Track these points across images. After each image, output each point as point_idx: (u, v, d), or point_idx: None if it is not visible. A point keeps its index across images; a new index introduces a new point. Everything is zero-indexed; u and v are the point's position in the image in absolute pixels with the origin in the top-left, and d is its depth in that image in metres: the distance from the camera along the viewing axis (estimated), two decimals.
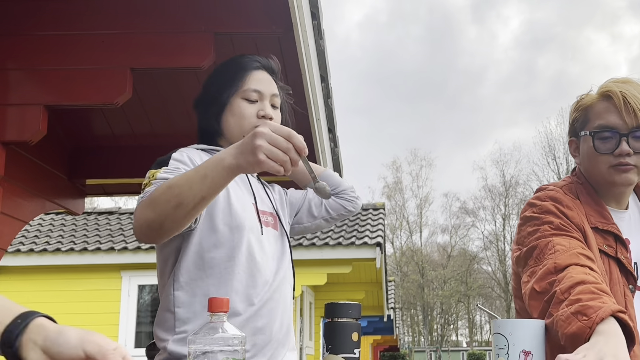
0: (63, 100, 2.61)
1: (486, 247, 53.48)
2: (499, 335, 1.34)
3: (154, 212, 1.30)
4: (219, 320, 0.99)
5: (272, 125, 1.21)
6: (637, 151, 1.61)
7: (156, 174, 1.44)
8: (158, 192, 1.31)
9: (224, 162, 1.24)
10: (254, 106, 1.61)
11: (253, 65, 1.65)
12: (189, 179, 1.27)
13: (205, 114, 1.66)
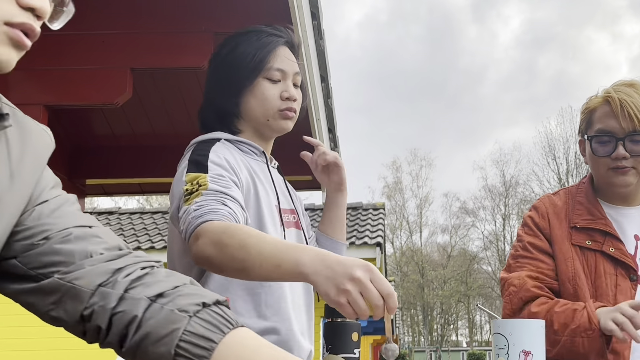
0: (63, 100, 2.61)
1: (486, 247, 53.49)
2: (499, 335, 1.34)
3: (217, 256, 1.20)
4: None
5: (376, 275, 1.07)
6: (634, 154, 1.69)
7: (202, 180, 1.33)
8: (227, 239, 1.19)
9: (301, 269, 1.11)
10: (277, 87, 1.51)
11: (278, 41, 1.53)
12: (261, 257, 1.15)
13: (223, 94, 1.54)
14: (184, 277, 0.91)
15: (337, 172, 1.63)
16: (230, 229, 1.22)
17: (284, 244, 1.19)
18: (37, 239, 0.89)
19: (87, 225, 0.95)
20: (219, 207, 1.27)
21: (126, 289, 0.87)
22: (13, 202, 0.89)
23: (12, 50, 0.82)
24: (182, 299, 0.86)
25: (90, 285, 0.87)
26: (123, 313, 0.85)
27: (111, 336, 0.86)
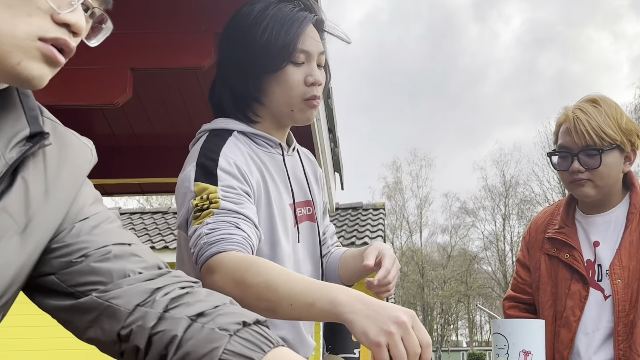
0: (63, 100, 2.61)
1: (486, 247, 53.49)
2: (499, 335, 1.35)
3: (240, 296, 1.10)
4: None
5: (418, 323, 1.03)
6: (589, 167, 1.84)
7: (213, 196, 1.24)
8: (251, 278, 1.13)
9: (337, 308, 1.05)
10: (301, 70, 1.35)
11: (307, 19, 1.36)
12: (292, 296, 1.09)
13: (241, 77, 1.37)
14: (224, 296, 0.90)
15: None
16: (253, 266, 1.14)
17: (315, 282, 1.12)
18: (76, 257, 0.89)
19: (126, 243, 0.93)
20: (233, 233, 1.19)
21: (166, 308, 0.85)
22: (47, 218, 0.88)
23: (45, 66, 0.81)
24: (223, 318, 0.85)
25: (128, 304, 0.86)
26: (163, 332, 0.84)
27: (150, 356, 0.85)
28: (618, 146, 1.84)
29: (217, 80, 1.44)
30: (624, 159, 1.87)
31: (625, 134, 1.85)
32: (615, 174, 1.86)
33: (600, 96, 1.91)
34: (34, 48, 0.78)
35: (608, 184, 1.86)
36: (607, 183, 1.86)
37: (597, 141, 1.81)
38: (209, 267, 1.17)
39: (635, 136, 1.88)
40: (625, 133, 1.85)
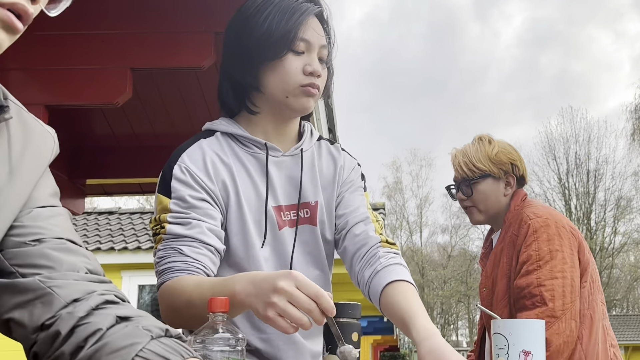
0: (63, 100, 2.61)
1: None
2: (499, 335, 1.34)
3: (178, 321, 1.24)
4: (218, 320, 0.99)
5: (299, 280, 1.02)
6: (467, 195, 2.24)
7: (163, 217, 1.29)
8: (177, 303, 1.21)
9: (237, 298, 1.09)
10: (300, 59, 1.33)
11: (310, 10, 1.34)
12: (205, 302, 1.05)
13: (239, 66, 1.37)
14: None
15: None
16: (176, 291, 1.21)
17: (220, 282, 1.16)
18: (30, 239, 0.89)
19: (78, 243, 0.95)
20: (175, 260, 1.25)
21: (98, 305, 0.87)
22: (12, 197, 0.88)
23: (2, 32, 0.80)
24: (148, 321, 0.88)
25: (67, 297, 0.87)
26: (88, 324, 0.85)
27: (67, 345, 0.85)
28: (489, 175, 2.19)
29: (220, 77, 1.43)
30: (503, 184, 2.21)
31: (495, 164, 2.20)
32: (494, 198, 2.21)
33: (484, 135, 2.30)
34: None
35: (491, 208, 2.23)
36: (489, 207, 2.22)
37: (469, 173, 2.20)
38: (159, 296, 1.28)
39: (510, 165, 2.22)
40: (496, 163, 2.20)
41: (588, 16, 79.48)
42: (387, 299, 1.29)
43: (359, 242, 1.40)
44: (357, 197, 1.48)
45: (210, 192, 1.32)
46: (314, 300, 1.01)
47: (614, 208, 46.06)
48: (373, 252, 1.38)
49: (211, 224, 1.29)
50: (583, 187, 46.67)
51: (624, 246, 45.83)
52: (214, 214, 1.30)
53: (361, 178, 1.53)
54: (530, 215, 2.10)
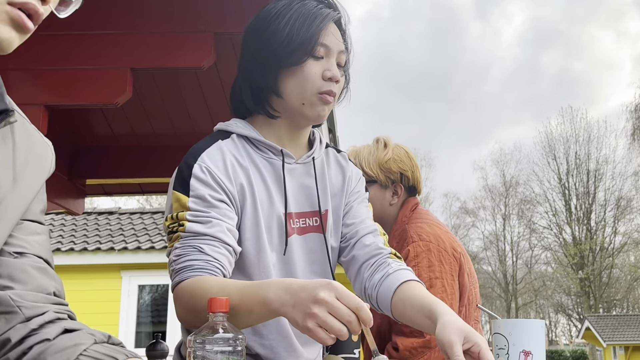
0: (63, 100, 2.61)
1: (486, 247, 53.48)
2: (499, 335, 1.34)
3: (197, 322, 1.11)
4: (219, 320, 0.98)
5: (340, 291, 1.02)
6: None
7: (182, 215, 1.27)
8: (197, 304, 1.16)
9: (270, 306, 1.07)
10: (319, 64, 1.33)
11: (330, 16, 1.36)
12: (234, 307, 1.09)
13: (263, 69, 1.36)
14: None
15: None
16: (197, 291, 1.17)
17: (249, 287, 1.13)
18: (14, 250, 0.91)
19: (51, 264, 0.97)
20: (195, 259, 1.23)
21: (51, 320, 0.90)
22: (14, 205, 0.89)
23: (13, 31, 0.80)
24: (93, 330, 0.92)
25: (29, 314, 0.89)
26: (37, 334, 0.87)
27: (13, 352, 0.87)
28: (376, 182, 2.11)
29: (238, 78, 1.42)
30: (390, 193, 2.13)
31: (383, 171, 2.11)
32: (378, 206, 2.09)
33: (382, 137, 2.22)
34: (3, 12, 0.78)
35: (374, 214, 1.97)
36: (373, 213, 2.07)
37: None
38: (174, 296, 1.25)
39: (399, 174, 2.13)
40: (384, 171, 2.11)
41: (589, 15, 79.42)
42: (403, 294, 1.32)
43: (370, 252, 1.44)
44: (364, 208, 1.52)
45: (229, 194, 1.31)
46: (354, 312, 1.01)
47: (614, 208, 46.06)
48: (383, 260, 1.42)
49: (230, 225, 1.28)
50: (583, 187, 46.67)
51: (624, 246, 45.83)
52: (232, 215, 1.30)
53: (365, 189, 1.57)
54: (413, 237, 2.03)
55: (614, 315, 35.25)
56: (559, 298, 50.60)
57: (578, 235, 46.66)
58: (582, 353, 39.22)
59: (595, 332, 32.35)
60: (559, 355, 39.79)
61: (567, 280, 47.32)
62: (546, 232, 49.24)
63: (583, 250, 45.11)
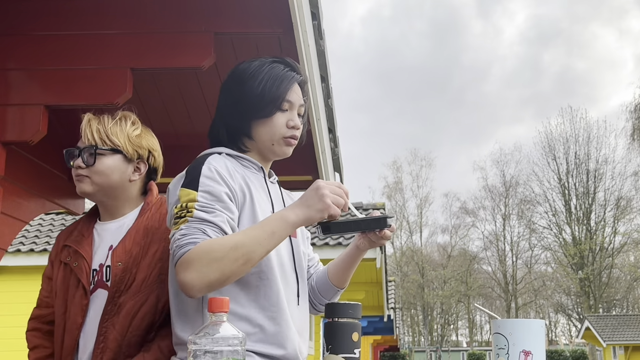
0: (63, 100, 2.61)
1: (486, 247, 53.51)
2: (499, 335, 1.35)
3: (218, 272, 1.38)
4: (219, 320, 0.99)
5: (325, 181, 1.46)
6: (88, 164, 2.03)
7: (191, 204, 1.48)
8: (219, 253, 1.38)
9: (289, 220, 1.45)
10: (285, 115, 1.68)
11: (295, 78, 1.70)
12: (256, 238, 1.41)
13: (237, 117, 1.68)
14: None
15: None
16: (214, 245, 1.40)
17: (263, 221, 1.46)
18: None
19: None
20: (199, 238, 1.42)
21: None
22: None
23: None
24: None
25: None
26: None
27: None
28: (121, 152, 2.01)
29: (216, 119, 1.73)
30: (132, 168, 2.04)
31: (132, 144, 2.03)
32: (117, 177, 2.00)
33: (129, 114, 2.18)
34: None
35: (108, 186, 2.00)
36: (107, 184, 1.99)
37: (99, 142, 2.04)
38: (180, 267, 1.40)
39: (147, 151, 2.07)
40: (133, 143, 2.03)
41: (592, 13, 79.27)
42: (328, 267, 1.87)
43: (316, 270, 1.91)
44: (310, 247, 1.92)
45: (232, 190, 1.55)
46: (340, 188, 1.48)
47: (614, 208, 46.08)
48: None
49: (230, 217, 1.51)
50: (583, 187, 46.70)
51: (624, 246, 45.86)
52: (234, 209, 1.53)
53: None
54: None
55: (613, 315, 35.24)
56: (558, 298, 50.62)
57: (578, 235, 46.69)
58: (582, 353, 39.23)
59: (595, 332, 32.36)
60: (559, 355, 39.80)
61: (567, 280, 47.34)
62: (546, 232, 49.30)
63: (583, 250, 45.13)
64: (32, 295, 9.20)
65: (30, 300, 9.66)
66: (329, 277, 1.83)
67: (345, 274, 1.83)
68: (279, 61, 1.70)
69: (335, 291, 1.85)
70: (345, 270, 1.82)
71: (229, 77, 1.72)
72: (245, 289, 1.54)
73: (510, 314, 49.10)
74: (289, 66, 1.70)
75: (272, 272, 1.57)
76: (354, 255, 1.79)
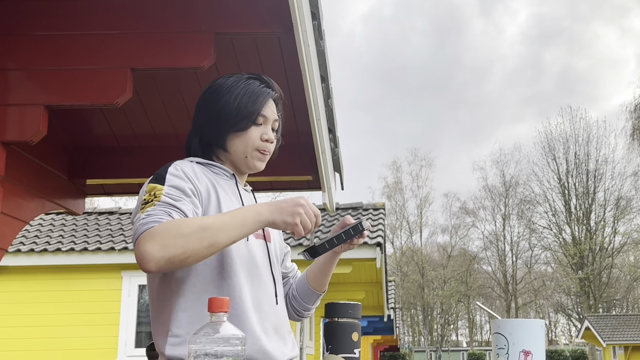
0: (63, 100, 2.61)
1: (486, 247, 53.48)
2: (499, 335, 1.35)
3: (181, 248, 1.39)
4: (218, 320, 0.99)
5: (308, 202, 1.51)
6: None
7: (158, 192, 1.51)
8: (187, 229, 1.41)
9: (261, 216, 1.48)
10: (259, 129, 1.73)
11: (270, 95, 1.76)
12: (225, 224, 1.44)
13: (212, 130, 1.72)
14: None
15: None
16: (182, 222, 1.43)
17: (236, 210, 1.49)
18: None
19: None
20: (164, 218, 1.45)
21: None
22: None
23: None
24: None
25: None
26: None
27: None
28: None
29: (191, 133, 1.77)
30: None
31: None
32: None
33: None
34: None
35: None
36: None
37: None
38: (142, 239, 1.41)
39: None
40: None
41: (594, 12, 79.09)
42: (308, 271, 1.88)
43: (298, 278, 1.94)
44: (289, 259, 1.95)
45: (197, 189, 1.59)
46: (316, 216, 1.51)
47: (614, 208, 46.06)
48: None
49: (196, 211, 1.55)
50: (583, 187, 46.67)
51: (624, 246, 45.83)
52: (198, 205, 1.57)
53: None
54: None
55: (613, 315, 35.24)
56: (558, 298, 50.60)
57: (578, 235, 46.67)
58: (582, 353, 39.21)
59: (595, 332, 32.35)
60: (559, 355, 39.78)
61: (566, 280, 47.31)
62: (546, 232, 49.27)
63: (583, 250, 45.10)
64: (32, 295, 9.22)
65: (30, 300, 9.67)
66: (308, 282, 1.86)
67: (323, 278, 1.85)
68: (255, 77, 1.76)
69: (317, 295, 1.87)
70: (323, 275, 1.84)
71: (205, 92, 1.77)
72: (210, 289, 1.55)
73: (510, 314, 49.09)
74: (264, 82, 1.76)
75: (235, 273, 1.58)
76: (332, 259, 1.82)
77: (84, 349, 8.91)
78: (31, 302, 9.05)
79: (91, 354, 8.88)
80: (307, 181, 4.23)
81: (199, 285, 1.55)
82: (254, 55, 3.20)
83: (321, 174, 3.92)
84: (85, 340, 8.95)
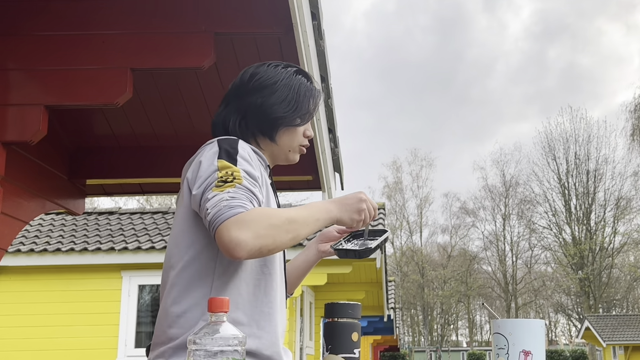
0: (63, 100, 2.61)
1: (486, 247, 53.48)
2: (499, 335, 1.35)
3: (272, 238, 1.38)
4: (219, 320, 0.99)
5: (367, 196, 1.59)
6: None
7: (237, 174, 1.45)
8: (277, 220, 1.40)
9: (332, 213, 1.53)
10: (305, 126, 1.77)
11: (320, 95, 1.82)
12: (305, 218, 1.47)
13: (265, 121, 1.69)
14: None
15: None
16: (272, 212, 1.41)
17: (311, 204, 1.53)
18: None
19: None
20: (248, 204, 1.39)
21: None
22: None
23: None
24: None
25: None
26: None
27: None
28: None
29: (230, 110, 1.70)
30: None
31: None
32: None
33: None
34: None
35: None
36: None
37: None
38: (232, 224, 1.35)
39: None
40: None
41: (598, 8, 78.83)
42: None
43: None
44: None
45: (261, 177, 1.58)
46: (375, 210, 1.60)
47: (614, 208, 46.06)
48: None
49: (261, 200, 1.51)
50: (583, 187, 46.67)
51: (624, 246, 45.83)
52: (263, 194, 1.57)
53: None
54: None
55: (613, 315, 35.23)
56: (558, 298, 50.60)
57: (578, 235, 46.67)
58: (582, 353, 39.20)
59: (595, 332, 32.35)
60: (559, 355, 39.76)
61: (566, 280, 47.32)
62: (546, 232, 49.27)
63: (583, 250, 45.10)
64: (32, 295, 9.24)
65: (30, 300, 9.68)
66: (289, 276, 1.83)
67: (299, 280, 1.83)
68: (301, 73, 1.76)
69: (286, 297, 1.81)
70: (299, 277, 1.83)
71: (252, 78, 1.70)
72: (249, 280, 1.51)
73: (510, 314, 49.08)
74: (310, 79, 1.78)
75: (275, 270, 1.56)
76: (313, 261, 1.81)
77: (84, 349, 8.91)
78: (31, 302, 9.05)
79: (91, 354, 8.88)
80: (307, 181, 4.23)
81: (242, 274, 1.50)
82: (254, 55, 3.20)
83: (321, 174, 3.93)
84: (85, 340, 8.95)
